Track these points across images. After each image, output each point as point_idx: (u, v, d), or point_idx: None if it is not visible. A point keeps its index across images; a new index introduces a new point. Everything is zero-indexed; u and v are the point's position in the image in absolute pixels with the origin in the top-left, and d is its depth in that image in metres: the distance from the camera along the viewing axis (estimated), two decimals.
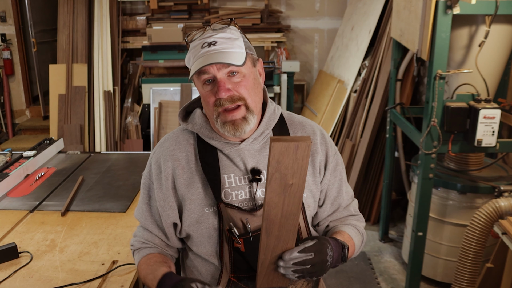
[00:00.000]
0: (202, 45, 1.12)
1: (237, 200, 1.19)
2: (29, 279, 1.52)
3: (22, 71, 5.62)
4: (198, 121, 1.24)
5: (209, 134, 1.21)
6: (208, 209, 1.19)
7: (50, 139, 2.77)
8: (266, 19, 4.77)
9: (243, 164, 1.21)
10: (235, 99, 1.13)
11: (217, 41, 1.12)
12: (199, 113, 1.25)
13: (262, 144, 1.23)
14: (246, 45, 1.17)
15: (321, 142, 1.28)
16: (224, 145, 1.21)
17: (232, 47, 1.12)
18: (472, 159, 2.70)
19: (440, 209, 2.72)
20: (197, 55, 1.12)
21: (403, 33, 2.65)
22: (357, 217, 1.34)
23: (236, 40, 1.14)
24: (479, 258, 2.25)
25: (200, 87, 1.16)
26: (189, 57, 1.17)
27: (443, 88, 2.28)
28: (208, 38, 1.13)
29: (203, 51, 1.12)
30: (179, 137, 1.26)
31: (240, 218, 1.16)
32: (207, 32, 1.15)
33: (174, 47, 4.51)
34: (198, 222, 1.20)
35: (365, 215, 3.68)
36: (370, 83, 3.68)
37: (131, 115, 4.63)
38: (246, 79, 1.14)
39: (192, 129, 1.24)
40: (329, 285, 2.86)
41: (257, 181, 1.19)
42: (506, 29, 2.31)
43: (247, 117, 1.14)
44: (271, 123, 1.24)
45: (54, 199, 2.11)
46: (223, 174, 1.20)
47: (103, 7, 4.59)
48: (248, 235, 1.15)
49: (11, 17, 5.48)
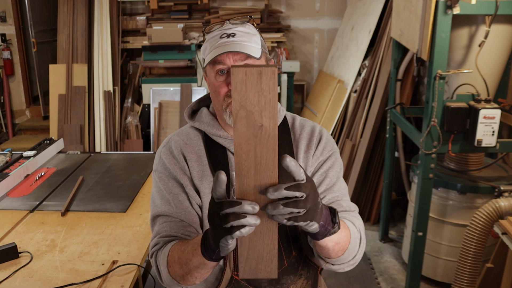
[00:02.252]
0: (221, 35, 1.13)
1: None
2: (29, 279, 1.52)
3: (22, 71, 5.62)
4: (205, 119, 1.24)
5: (216, 132, 1.21)
6: None
7: (50, 139, 2.77)
8: (266, 19, 4.77)
9: None
10: None
11: (236, 33, 1.13)
12: (206, 111, 1.26)
13: None
14: (262, 43, 1.18)
15: (317, 138, 1.27)
16: (230, 143, 1.21)
17: (250, 41, 1.13)
18: (472, 159, 2.70)
19: (440, 209, 2.72)
20: (215, 45, 1.13)
21: (403, 33, 2.65)
22: (352, 213, 1.23)
23: (254, 36, 1.15)
24: (479, 258, 2.25)
25: (212, 77, 1.16)
26: (206, 47, 1.17)
27: (443, 88, 2.28)
28: (228, 30, 1.14)
29: (222, 41, 1.12)
30: (189, 133, 1.26)
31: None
32: (226, 25, 1.16)
33: (174, 47, 4.51)
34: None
35: (365, 215, 3.68)
36: (370, 83, 3.68)
37: (131, 115, 4.63)
38: None
39: (199, 126, 1.24)
40: (329, 285, 2.86)
41: None
42: (506, 29, 2.31)
43: None
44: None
45: (54, 199, 2.11)
46: (232, 171, 1.20)
47: (103, 7, 4.59)
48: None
49: (11, 17, 5.48)
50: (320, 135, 1.28)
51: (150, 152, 2.94)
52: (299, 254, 1.22)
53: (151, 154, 2.84)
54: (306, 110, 4.65)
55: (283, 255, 1.18)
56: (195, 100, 1.31)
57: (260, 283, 1.19)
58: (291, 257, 1.20)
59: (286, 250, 1.18)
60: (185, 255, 1.05)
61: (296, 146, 1.25)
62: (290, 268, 1.21)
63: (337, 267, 1.15)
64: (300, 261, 1.23)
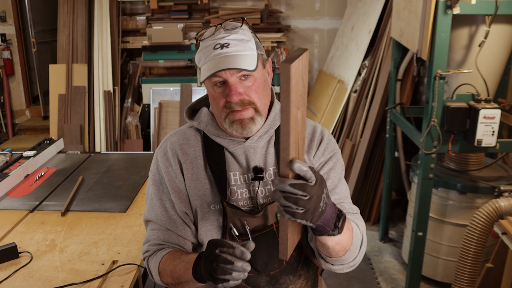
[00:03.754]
0: (215, 46, 1.11)
1: (242, 198, 1.20)
2: (29, 279, 1.52)
3: (22, 71, 5.62)
4: (205, 118, 1.24)
5: (215, 131, 1.22)
6: (214, 206, 1.20)
7: (50, 139, 2.77)
8: (266, 19, 4.77)
9: (247, 162, 1.21)
10: (245, 103, 1.13)
11: (229, 43, 1.10)
12: (206, 111, 1.26)
13: (265, 143, 1.24)
14: (257, 45, 1.16)
15: (318, 139, 1.27)
16: (229, 143, 1.21)
17: (245, 50, 1.11)
18: (472, 159, 2.70)
19: (440, 209, 2.72)
20: (209, 57, 1.11)
21: (403, 33, 2.65)
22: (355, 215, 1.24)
23: (248, 42, 1.13)
24: (479, 258, 2.25)
25: (210, 88, 1.16)
26: (200, 57, 1.15)
27: (443, 88, 2.28)
28: (221, 39, 1.11)
29: (216, 53, 1.10)
30: (187, 133, 1.27)
31: (239, 219, 1.16)
32: (219, 31, 1.13)
33: (174, 47, 4.51)
34: (203, 219, 1.20)
35: (365, 215, 3.68)
36: (370, 83, 3.68)
37: (131, 115, 4.63)
38: (257, 83, 1.14)
39: (199, 126, 1.24)
40: (329, 285, 2.86)
41: (259, 179, 1.20)
42: (506, 29, 2.31)
43: (254, 118, 1.15)
44: (275, 122, 1.24)
45: (54, 199, 2.11)
46: (229, 172, 1.21)
47: (103, 7, 4.59)
48: (247, 236, 1.15)
49: (11, 17, 5.48)
50: (321, 136, 1.28)
51: (150, 152, 2.94)
52: (299, 254, 1.22)
53: (151, 154, 2.84)
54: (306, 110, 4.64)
55: None
56: (195, 100, 1.32)
57: (259, 283, 1.20)
58: (290, 257, 1.20)
59: None
60: (177, 271, 1.12)
61: None
62: (289, 268, 1.21)
63: (337, 268, 1.16)
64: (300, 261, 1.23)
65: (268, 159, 1.23)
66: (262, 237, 1.17)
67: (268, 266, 1.19)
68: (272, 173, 1.23)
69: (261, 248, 1.16)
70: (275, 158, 1.24)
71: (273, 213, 1.18)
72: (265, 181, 1.21)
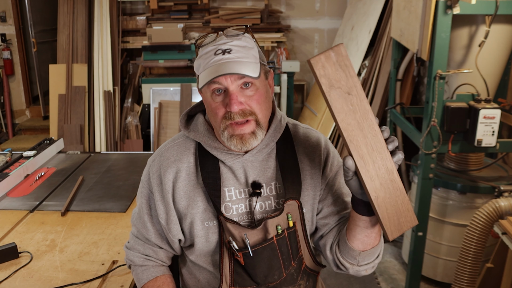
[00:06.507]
0: (216, 51, 1.05)
1: (237, 214, 1.16)
2: (29, 279, 1.52)
3: (22, 71, 5.62)
4: (201, 129, 1.18)
5: (212, 143, 1.16)
6: (208, 223, 1.16)
7: (50, 139, 2.76)
8: (266, 19, 4.77)
9: (245, 176, 1.17)
10: (246, 114, 1.07)
11: (232, 49, 1.05)
12: (202, 120, 1.20)
13: (265, 156, 1.19)
14: (260, 55, 1.11)
15: (324, 153, 1.23)
16: (226, 156, 1.15)
17: (247, 57, 1.05)
18: (472, 159, 2.70)
19: (440, 209, 2.72)
20: (209, 63, 1.05)
21: (403, 33, 2.65)
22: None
23: (251, 50, 1.07)
24: (479, 258, 2.25)
25: (208, 96, 1.09)
26: (199, 64, 1.08)
27: (443, 88, 2.29)
28: (223, 44, 1.05)
29: (216, 58, 1.04)
30: (181, 146, 1.21)
31: (239, 233, 1.13)
32: (220, 38, 1.07)
33: (174, 47, 4.51)
34: (198, 236, 1.18)
35: None
36: (370, 83, 3.68)
37: (131, 115, 4.63)
38: (259, 93, 1.08)
39: (194, 137, 1.18)
40: (329, 285, 2.86)
41: (257, 195, 1.15)
42: (506, 29, 2.31)
43: (256, 132, 1.09)
44: (276, 134, 1.18)
45: (54, 199, 2.11)
46: (224, 187, 1.16)
47: (103, 7, 4.59)
48: (247, 249, 1.12)
49: (11, 17, 5.48)
50: (326, 150, 1.24)
51: (150, 152, 2.94)
52: (299, 265, 1.21)
53: (151, 154, 2.84)
54: (306, 110, 4.64)
55: (282, 266, 1.17)
56: (190, 107, 1.26)
57: None
58: (290, 267, 1.19)
59: (285, 262, 1.17)
60: None
61: (301, 157, 1.21)
62: (289, 279, 1.19)
63: (363, 268, 1.16)
64: (299, 272, 1.22)
65: (267, 173, 1.18)
66: (262, 250, 1.13)
67: (268, 278, 1.16)
68: (273, 187, 1.18)
69: (260, 260, 1.13)
70: (275, 172, 1.19)
71: (273, 226, 1.13)
72: (262, 196, 1.16)
